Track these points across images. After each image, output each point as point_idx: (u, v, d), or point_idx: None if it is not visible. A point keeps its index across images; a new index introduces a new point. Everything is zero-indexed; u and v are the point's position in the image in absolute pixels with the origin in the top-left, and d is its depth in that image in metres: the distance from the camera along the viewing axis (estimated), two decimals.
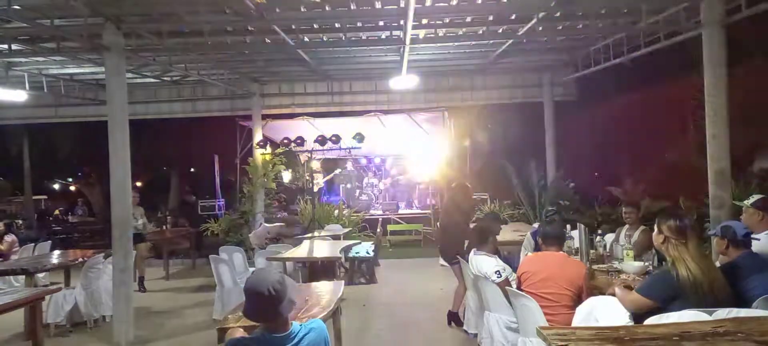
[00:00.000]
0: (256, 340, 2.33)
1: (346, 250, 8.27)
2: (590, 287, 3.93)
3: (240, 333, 2.59)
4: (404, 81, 9.90)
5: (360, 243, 9.68)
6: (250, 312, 2.35)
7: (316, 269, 6.82)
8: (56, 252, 8.04)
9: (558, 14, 7.24)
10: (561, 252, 4.10)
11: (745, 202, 4.18)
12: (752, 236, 3.72)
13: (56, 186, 27.14)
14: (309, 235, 9.23)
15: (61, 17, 6.21)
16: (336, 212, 12.05)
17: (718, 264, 3.52)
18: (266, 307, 2.27)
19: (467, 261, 5.08)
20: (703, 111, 6.36)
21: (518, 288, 4.06)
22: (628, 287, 3.55)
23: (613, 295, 3.53)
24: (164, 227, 12.10)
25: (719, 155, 6.17)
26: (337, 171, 14.99)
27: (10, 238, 8.38)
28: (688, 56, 7.87)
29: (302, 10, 6.53)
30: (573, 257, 4.66)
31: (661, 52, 8.07)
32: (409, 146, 15.45)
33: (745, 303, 3.14)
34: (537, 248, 4.79)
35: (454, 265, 6.13)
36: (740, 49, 7.65)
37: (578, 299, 3.88)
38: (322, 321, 2.62)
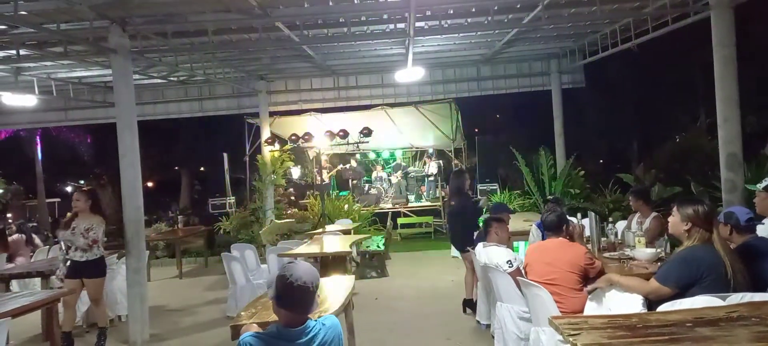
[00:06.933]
0: (272, 335, 2.34)
1: (357, 244, 8.29)
2: (600, 267, 3.92)
3: (255, 329, 2.61)
4: (410, 74, 9.87)
5: (370, 237, 9.70)
6: (285, 302, 2.33)
7: (327, 264, 6.84)
8: None
9: (563, 1, 7.18)
10: (560, 238, 4.11)
11: (758, 185, 4.12)
12: (760, 221, 3.68)
13: (69, 189, 27.42)
14: (319, 230, 9.27)
15: (67, 21, 6.25)
16: (346, 206, 12.08)
17: None
18: (306, 300, 2.32)
19: (475, 251, 5.10)
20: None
21: None
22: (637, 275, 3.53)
23: (611, 283, 3.50)
24: (176, 226, 12.21)
25: (731, 139, 6.10)
26: (340, 166, 15.06)
27: (16, 237, 8.47)
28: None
29: (306, 5, 6.53)
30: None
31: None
32: (417, 139, 15.44)
33: (758, 287, 3.11)
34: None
35: (464, 253, 6.17)
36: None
37: (585, 282, 3.88)
38: (335, 317, 2.62)
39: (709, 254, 3.07)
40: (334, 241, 7.63)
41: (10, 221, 14.86)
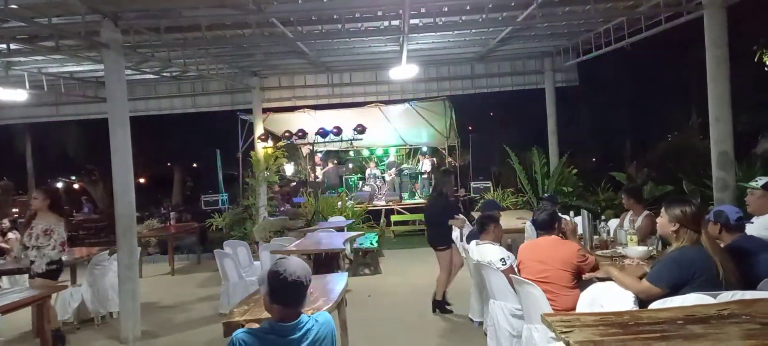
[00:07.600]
0: (265, 330, 2.36)
1: (350, 241, 8.28)
2: (593, 263, 3.95)
3: (254, 326, 2.63)
4: (404, 71, 9.86)
5: (364, 234, 9.69)
6: (278, 297, 2.35)
7: (321, 261, 6.83)
8: None
9: None
10: (553, 236, 4.13)
11: (751, 183, 4.13)
12: (748, 220, 3.70)
13: (60, 184, 27.22)
14: (313, 227, 9.24)
15: (58, 16, 6.19)
16: (339, 203, 12.06)
17: None
18: (300, 294, 2.35)
19: (461, 248, 5.10)
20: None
21: None
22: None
23: (608, 275, 3.53)
24: (168, 223, 12.14)
25: (722, 138, 6.14)
26: (330, 166, 15.04)
27: (13, 235, 8.40)
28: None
29: (300, 1, 6.50)
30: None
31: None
32: (411, 136, 15.44)
33: (748, 285, 3.12)
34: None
35: (439, 251, 6.13)
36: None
37: (578, 279, 3.90)
38: (328, 314, 2.62)
39: (700, 255, 3.07)
40: (327, 237, 7.62)
41: (15, 214, 14.61)
